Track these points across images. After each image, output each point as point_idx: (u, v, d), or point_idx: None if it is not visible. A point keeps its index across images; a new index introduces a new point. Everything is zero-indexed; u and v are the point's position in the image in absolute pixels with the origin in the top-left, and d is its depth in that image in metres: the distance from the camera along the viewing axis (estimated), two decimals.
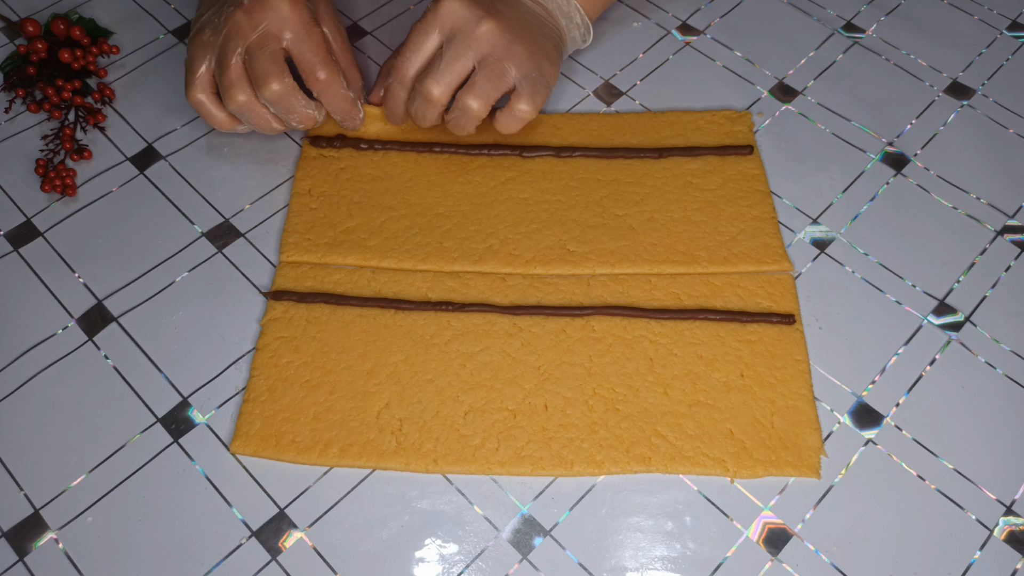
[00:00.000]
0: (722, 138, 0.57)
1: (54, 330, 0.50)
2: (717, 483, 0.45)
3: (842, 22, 0.65)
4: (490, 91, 0.50)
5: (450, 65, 0.49)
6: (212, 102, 0.52)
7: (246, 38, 0.49)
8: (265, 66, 0.49)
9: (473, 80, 0.50)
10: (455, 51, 0.49)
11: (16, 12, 0.66)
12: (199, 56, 0.51)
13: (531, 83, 0.50)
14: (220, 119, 0.53)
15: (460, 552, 0.43)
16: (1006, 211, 0.54)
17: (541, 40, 0.51)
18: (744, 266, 0.51)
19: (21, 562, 0.43)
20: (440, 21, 0.49)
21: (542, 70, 0.51)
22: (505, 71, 0.49)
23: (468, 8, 0.49)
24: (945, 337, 0.49)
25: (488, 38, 0.49)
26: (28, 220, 0.55)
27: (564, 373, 0.47)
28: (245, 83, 0.50)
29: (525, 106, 0.51)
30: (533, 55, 0.50)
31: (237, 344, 0.49)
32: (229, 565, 0.42)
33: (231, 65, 0.49)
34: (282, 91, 0.50)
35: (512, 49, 0.49)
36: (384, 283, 0.51)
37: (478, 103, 0.50)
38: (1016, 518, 0.43)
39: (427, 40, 0.50)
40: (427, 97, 0.50)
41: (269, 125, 0.52)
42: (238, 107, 0.51)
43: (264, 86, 0.49)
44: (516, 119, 0.52)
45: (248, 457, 0.46)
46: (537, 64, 0.50)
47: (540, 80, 0.51)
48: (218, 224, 0.54)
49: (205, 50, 0.51)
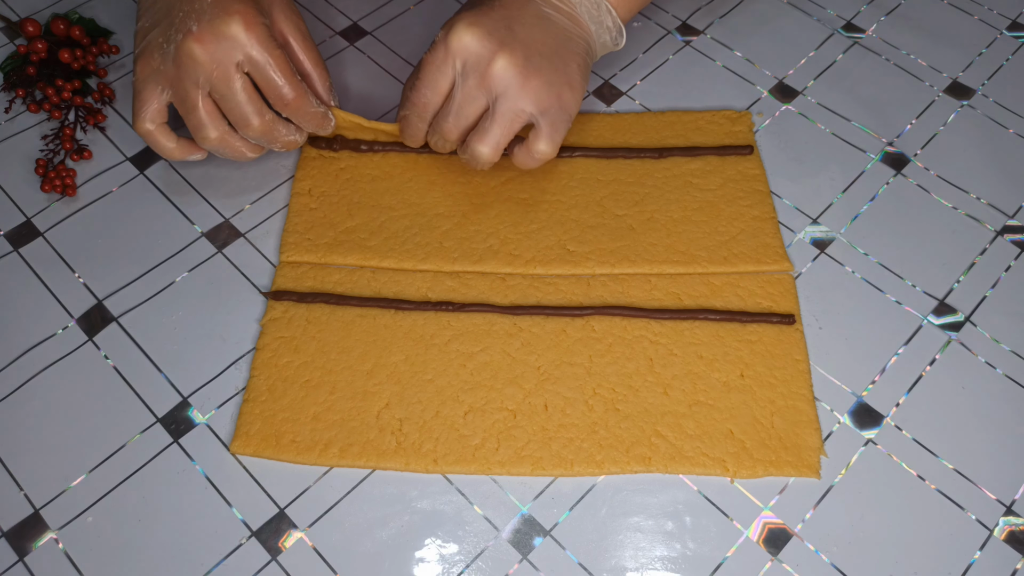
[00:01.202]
0: (722, 138, 0.57)
1: (54, 330, 0.50)
2: (717, 483, 0.45)
3: (842, 22, 0.65)
4: (501, 137, 0.48)
5: (462, 108, 0.47)
6: (162, 132, 0.49)
7: (205, 71, 0.46)
8: (241, 107, 0.47)
9: (484, 126, 0.47)
10: (467, 93, 0.47)
11: (16, 12, 0.66)
12: (150, 84, 0.47)
13: (550, 120, 0.47)
14: (170, 149, 0.50)
15: (460, 552, 0.43)
16: (1006, 211, 0.54)
17: (563, 62, 0.48)
18: (744, 266, 0.51)
19: (21, 562, 0.43)
20: (452, 56, 0.46)
21: (562, 101, 0.47)
22: (520, 112, 0.47)
23: (480, 42, 0.45)
24: (945, 337, 0.49)
25: (502, 77, 0.46)
26: (28, 220, 0.55)
27: (564, 373, 0.47)
28: (217, 120, 0.47)
29: (543, 147, 0.48)
30: (552, 86, 0.47)
31: (237, 344, 0.49)
32: (229, 565, 0.42)
33: (198, 104, 0.46)
34: (263, 128, 0.48)
35: (528, 84, 0.46)
36: (384, 283, 0.51)
37: (488, 150, 0.48)
38: (1016, 518, 0.43)
39: (440, 77, 0.47)
40: (443, 136, 0.49)
41: (243, 155, 0.50)
42: (212, 145, 0.48)
43: (246, 127, 0.47)
44: (534, 159, 0.49)
45: (248, 457, 0.46)
46: (557, 96, 0.47)
47: (560, 115, 0.48)
48: (218, 224, 0.54)
49: (156, 78, 0.47)
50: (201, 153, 0.51)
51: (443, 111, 0.48)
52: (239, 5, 0.46)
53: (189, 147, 0.51)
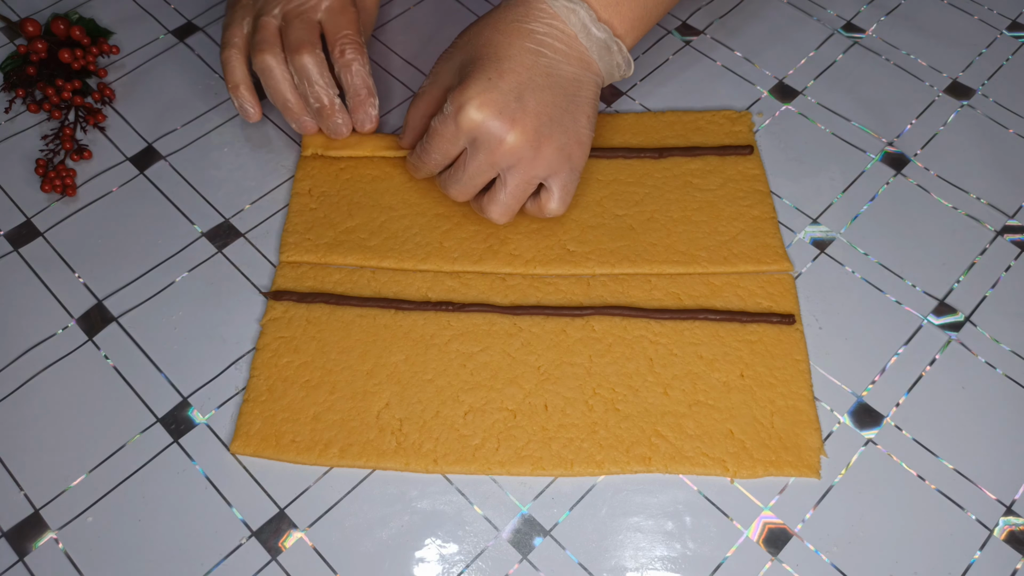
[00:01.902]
0: (722, 138, 0.57)
1: (54, 330, 0.50)
2: (717, 483, 0.45)
3: (842, 22, 0.65)
4: (513, 204, 0.49)
5: (473, 179, 0.48)
6: (240, 61, 0.53)
7: (283, 3, 0.51)
8: (300, 34, 0.50)
9: (496, 196, 0.48)
10: (478, 167, 0.47)
11: (16, 12, 0.66)
12: (237, 16, 0.53)
13: (561, 183, 0.48)
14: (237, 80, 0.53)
15: (460, 552, 0.43)
16: (1006, 211, 0.54)
17: (573, 120, 0.48)
18: (744, 266, 0.51)
19: (21, 562, 0.43)
20: (462, 133, 0.46)
21: (572, 162, 0.48)
22: (532, 180, 0.48)
23: (491, 121, 0.45)
24: (945, 337, 0.49)
25: (513, 153, 0.46)
26: (28, 220, 0.55)
27: (564, 373, 0.47)
28: (277, 44, 0.51)
29: (555, 206, 0.49)
30: (563, 150, 0.47)
31: (237, 344, 0.49)
32: (229, 565, 0.42)
33: (265, 24, 0.51)
34: (311, 61, 0.50)
35: (540, 155, 0.46)
36: (384, 283, 0.51)
37: (500, 215, 0.49)
38: (1016, 518, 0.43)
39: (450, 147, 0.48)
40: (448, 195, 0.50)
41: (285, 95, 0.52)
42: (263, 65, 0.51)
43: (296, 52, 0.50)
44: (544, 216, 0.50)
45: (248, 457, 0.46)
46: (567, 157, 0.48)
47: (571, 176, 0.48)
48: (218, 224, 0.54)
49: (244, 11, 0.52)
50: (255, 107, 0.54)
51: (452, 175, 0.49)
52: None
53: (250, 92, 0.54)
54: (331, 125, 0.53)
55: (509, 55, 0.46)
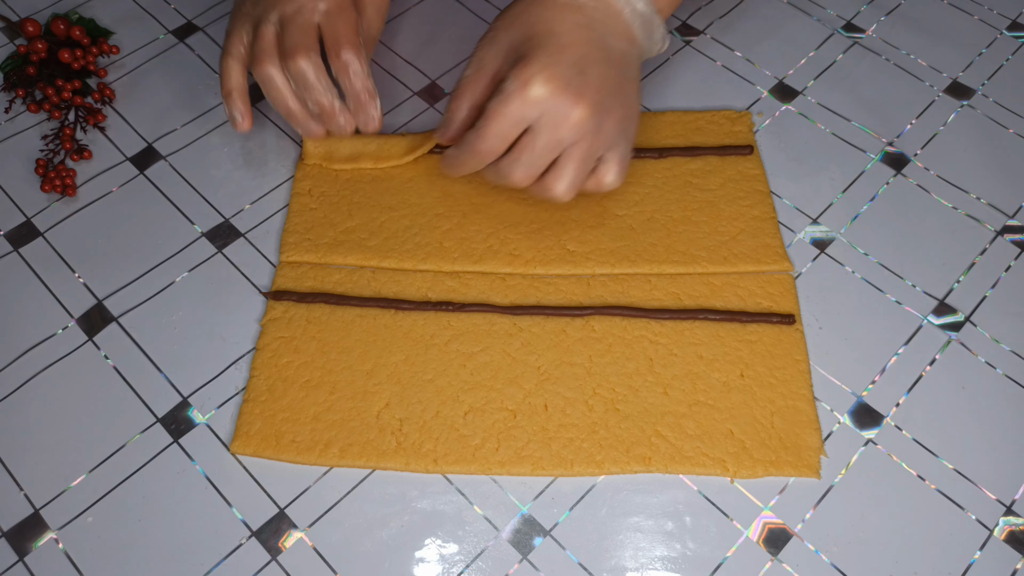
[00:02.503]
0: (722, 138, 0.57)
1: (54, 330, 0.50)
2: (717, 483, 0.45)
3: (842, 22, 0.65)
4: (579, 178, 0.47)
5: (538, 159, 0.46)
6: (238, 71, 0.52)
7: (280, 9, 0.50)
8: (295, 38, 0.49)
9: (562, 170, 0.47)
10: (544, 145, 0.46)
11: (16, 12, 0.66)
12: (237, 24, 0.52)
13: (619, 156, 0.48)
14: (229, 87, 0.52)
15: (460, 552, 0.43)
16: (1006, 211, 0.54)
17: (626, 94, 0.48)
18: (744, 266, 0.51)
19: (21, 562, 0.43)
20: (527, 109, 0.45)
21: (628, 135, 0.48)
22: (594, 154, 0.47)
23: (559, 96, 0.44)
24: (945, 337, 0.49)
25: (579, 127, 0.45)
26: (28, 220, 0.55)
27: (564, 373, 0.47)
28: (274, 53, 0.50)
29: (612, 179, 0.49)
30: (621, 123, 0.47)
31: (237, 344, 0.49)
32: (229, 565, 0.42)
33: (263, 33, 0.50)
34: (307, 66, 0.49)
35: (602, 129, 0.46)
36: (384, 283, 0.51)
37: (566, 190, 0.47)
38: (1016, 518, 0.43)
39: (512, 129, 0.46)
40: (510, 181, 0.48)
41: (285, 102, 0.50)
42: (262, 75, 0.50)
43: (291, 57, 0.49)
44: (600, 189, 0.49)
45: (248, 457, 0.46)
46: (624, 132, 0.48)
47: (627, 148, 0.49)
48: (218, 224, 0.54)
49: (244, 19, 0.52)
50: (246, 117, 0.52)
51: (515, 158, 0.47)
52: None
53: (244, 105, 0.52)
54: (334, 127, 0.52)
55: (564, 30, 0.46)
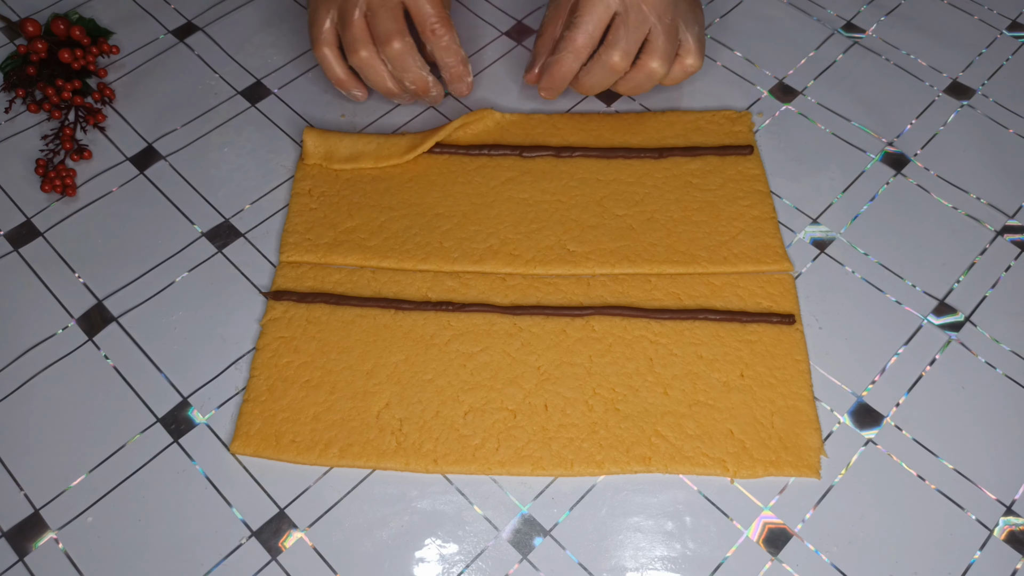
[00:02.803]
0: (722, 138, 0.57)
1: (54, 330, 0.50)
2: (717, 483, 0.45)
3: (842, 22, 0.65)
4: (670, 51, 0.53)
5: (633, 33, 0.51)
6: (335, 57, 0.55)
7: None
8: (387, 24, 0.51)
9: (654, 44, 0.52)
10: (636, 18, 0.51)
11: (16, 12, 0.66)
12: (322, 11, 0.53)
13: (696, 37, 0.54)
14: (339, 75, 0.55)
15: (460, 552, 0.43)
16: (1006, 211, 0.54)
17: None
18: (744, 266, 0.51)
19: (21, 562, 0.43)
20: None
21: (699, 19, 0.54)
22: (678, 29, 0.53)
23: None
24: (945, 337, 0.49)
25: (661, 1, 0.51)
26: (28, 220, 0.55)
27: (564, 373, 0.47)
28: (367, 39, 0.52)
29: (693, 60, 0.54)
30: (693, 9, 0.54)
31: (237, 344, 0.49)
32: (229, 565, 0.42)
33: (354, 21, 0.52)
34: (402, 49, 0.52)
35: (679, 7, 0.52)
36: (384, 283, 0.51)
37: (663, 65, 0.53)
38: (1016, 518, 0.43)
39: (601, 9, 0.51)
40: (611, 67, 0.53)
41: (385, 84, 0.54)
42: (360, 62, 0.53)
43: (386, 43, 0.52)
44: (685, 73, 0.55)
45: (248, 457, 0.46)
46: (696, 17, 0.54)
47: (701, 32, 0.55)
48: (218, 224, 0.54)
49: (328, 5, 0.53)
50: (361, 90, 0.57)
51: (612, 42, 0.52)
52: None
53: (353, 80, 0.56)
54: (429, 100, 0.57)
55: None
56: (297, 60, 0.63)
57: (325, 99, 0.60)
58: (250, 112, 0.60)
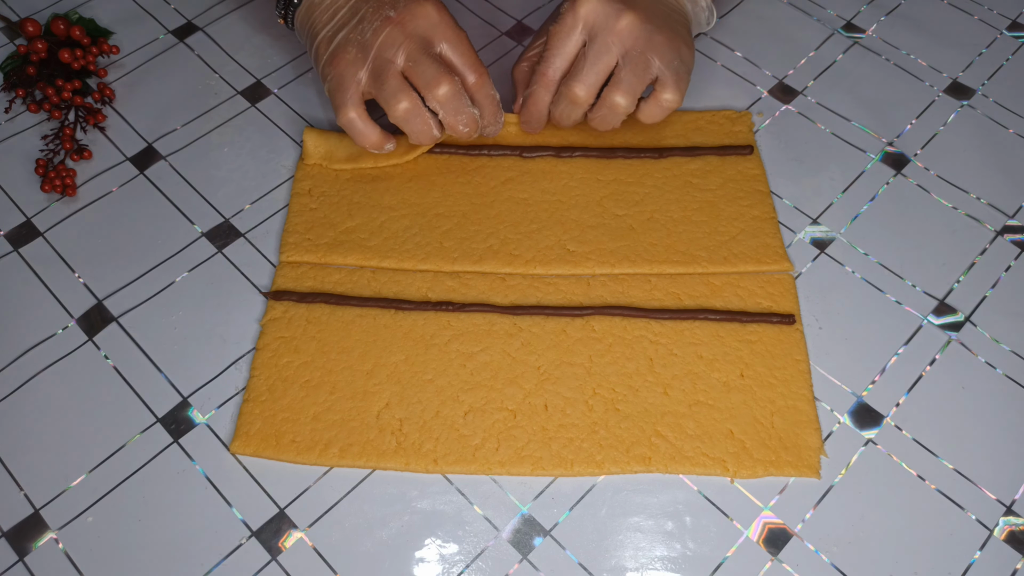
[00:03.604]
0: (722, 138, 0.57)
1: (54, 330, 0.50)
2: (717, 483, 0.45)
3: (842, 22, 0.65)
4: (636, 86, 0.50)
5: (594, 65, 0.49)
6: (364, 120, 0.51)
7: (402, 46, 0.49)
8: (432, 69, 0.49)
9: (619, 77, 0.50)
10: (598, 49, 0.49)
11: (16, 12, 0.66)
12: (348, 75, 0.50)
13: (674, 71, 0.50)
14: (373, 138, 0.52)
15: (460, 552, 0.43)
16: (1006, 211, 0.54)
17: (675, 26, 0.51)
18: (744, 266, 0.51)
19: (21, 562, 0.43)
20: (581, 20, 0.49)
21: (682, 56, 0.51)
22: (649, 63, 0.49)
23: (606, 4, 0.49)
24: (945, 337, 0.49)
25: (630, 31, 0.49)
26: (28, 220, 0.55)
27: (564, 373, 0.47)
28: (408, 89, 0.50)
29: (670, 95, 0.51)
30: (672, 42, 0.50)
31: (237, 344, 0.49)
32: (229, 565, 0.42)
33: (391, 75, 0.49)
34: (452, 91, 0.50)
35: (653, 39, 0.49)
36: (384, 283, 0.51)
37: (626, 99, 0.50)
38: (1016, 518, 0.43)
39: (569, 41, 0.50)
40: (572, 100, 0.51)
41: (430, 132, 0.51)
42: (404, 114, 0.50)
43: (435, 87, 0.49)
44: (662, 108, 0.52)
45: (248, 457, 0.46)
46: (677, 51, 0.50)
47: (682, 67, 0.51)
48: (218, 224, 0.54)
49: (354, 68, 0.50)
50: (393, 142, 0.53)
51: (572, 74, 0.50)
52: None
53: (385, 136, 0.53)
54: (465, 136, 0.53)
55: None
56: (297, 60, 0.63)
57: (325, 99, 0.60)
58: (250, 112, 0.60)
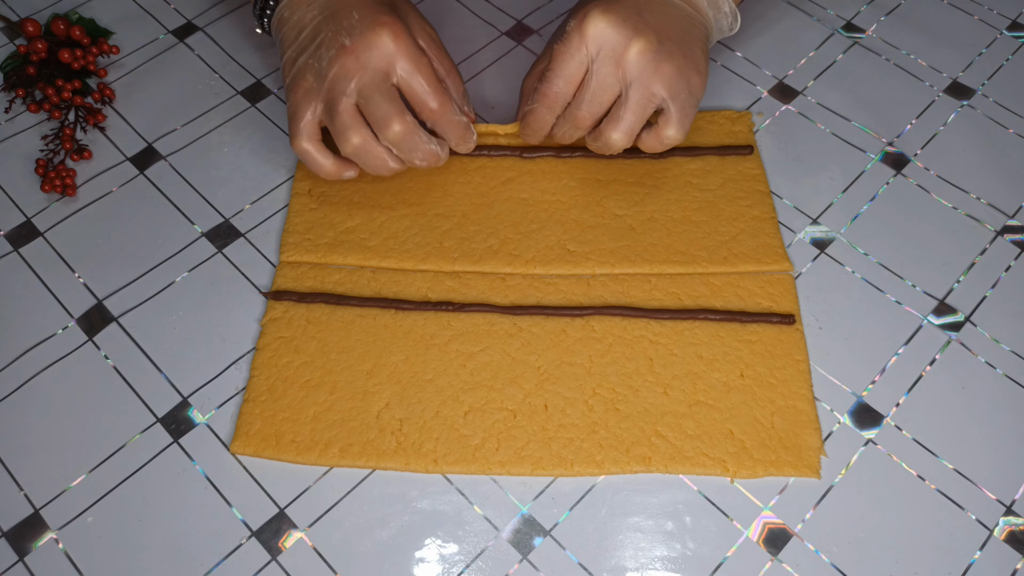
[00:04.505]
0: (722, 138, 0.57)
1: (54, 330, 0.50)
2: (717, 483, 0.45)
3: (842, 22, 0.65)
4: (635, 124, 0.48)
5: (597, 96, 0.47)
6: (318, 150, 0.50)
7: (355, 79, 0.47)
8: (384, 108, 0.47)
9: (618, 114, 0.48)
10: (602, 80, 0.47)
11: (16, 12, 0.66)
12: (303, 103, 0.48)
13: (680, 105, 0.48)
14: (327, 167, 0.50)
15: (460, 552, 0.43)
16: (1006, 211, 0.54)
17: (689, 47, 0.48)
18: (744, 266, 0.51)
19: (21, 562, 0.43)
20: (587, 43, 0.46)
21: (691, 87, 0.48)
22: (652, 97, 0.47)
23: (616, 29, 0.46)
24: (945, 337, 0.49)
25: (637, 62, 0.46)
26: (28, 220, 0.55)
27: (564, 373, 0.47)
28: (360, 125, 0.48)
29: (673, 132, 0.48)
30: (682, 71, 0.47)
31: (237, 344, 0.49)
32: (229, 565, 0.42)
33: (342, 109, 0.47)
34: (404, 131, 0.48)
35: (661, 70, 0.47)
36: (384, 283, 0.51)
37: (621, 137, 0.48)
38: (1016, 518, 0.43)
39: (574, 66, 0.47)
40: (574, 124, 0.49)
41: (386, 165, 0.50)
42: (354, 150, 0.48)
43: (386, 128, 0.47)
44: (662, 144, 0.49)
45: (248, 457, 0.46)
46: (686, 81, 0.48)
47: (689, 100, 0.48)
48: (218, 224, 0.54)
49: (309, 97, 0.48)
50: (354, 170, 0.51)
51: (576, 100, 0.48)
52: (387, 18, 0.47)
53: (343, 164, 0.51)
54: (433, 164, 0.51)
55: None
56: None
57: None
58: (250, 112, 0.60)
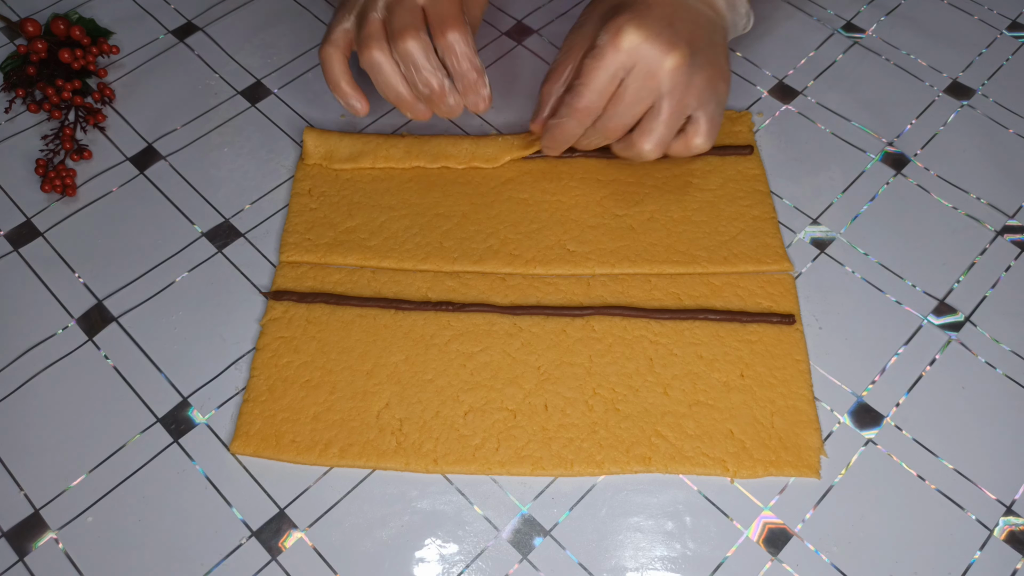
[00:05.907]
0: (722, 138, 0.57)
1: (54, 330, 0.50)
2: (717, 483, 0.45)
3: (842, 22, 0.65)
4: (667, 135, 0.48)
5: (631, 109, 0.47)
6: (339, 60, 0.51)
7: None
8: (403, 20, 0.48)
9: (651, 126, 0.48)
10: (636, 94, 0.47)
11: (16, 12, 0.66)
12: (341, 14, 0.51)
13: (709, 116, 0.48)
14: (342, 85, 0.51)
15: (460, 552, 0.43)
16: (1006, 211, 0.54)
17: (716, 55, 0.49)
18: (744, 266, 0.51)
19: (21, 562, 0.43)
20: (621, 58, 0.46)
21: (719, 95, 0.49)
22: (685, 108, 0.48)
23: (650, 44, 0.45)
24: (945, 337, 0.49)
25: (671, 77, 0.46)
26: (28, 220, 0.55)
27: (564, 373, 0.47)
28: (381, 38, 0.49)
29: (701, 141, 0.49)
30: (711, 82, 0.48)
31: (237, 344, 0.49)
32: (229, 565, 0.42)
33: (370, 20, 0.49)
34: (414, 45, 0.48)
35: (693, 83, 0.47)
36: (384, 283, 0.51)
37: (654, 148, 0.48)
38: (1016, 518, 0.43)
39: (606, 78, 0.46)
40: (605, 135, 0.49)
41: (396, 88, 0.50)
42: (371, 62, 0.49)
43: (399, 39, 0.48)
44: (689, 151, 0.50)
45: (248, 457, 0.46)
46: (715, 92, 0.48)
47: (717, 109, 0.49)
48: (218, 224, 0.54)
49: (349, 9, 0.51)
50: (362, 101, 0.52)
51: (608, 112, 0.48)
52: None
53: (355, 91, 0.52)
54: (443, 109, 0.51)
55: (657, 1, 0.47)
56: (297, 60, 0.63)
57: (325, 99, 0.60)
58: (250, 112, 0.60)
